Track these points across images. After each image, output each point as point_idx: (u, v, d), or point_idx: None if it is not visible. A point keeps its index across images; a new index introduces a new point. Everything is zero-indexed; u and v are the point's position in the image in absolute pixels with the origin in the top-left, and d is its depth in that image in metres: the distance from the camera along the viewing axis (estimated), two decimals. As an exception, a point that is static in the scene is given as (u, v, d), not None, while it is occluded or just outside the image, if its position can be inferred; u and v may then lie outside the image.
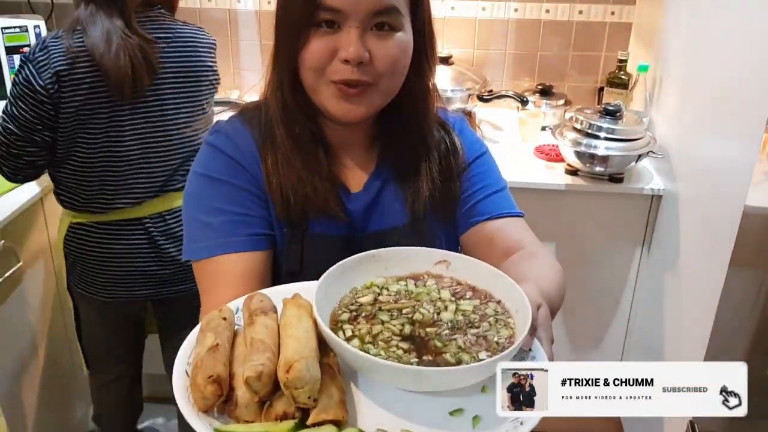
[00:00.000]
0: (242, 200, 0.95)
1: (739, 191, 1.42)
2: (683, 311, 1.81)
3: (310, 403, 0.63)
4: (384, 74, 0.89)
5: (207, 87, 1.72)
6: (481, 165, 1.06)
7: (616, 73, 2.39)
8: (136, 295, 1.76)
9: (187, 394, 0.65)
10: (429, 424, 0.67)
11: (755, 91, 1.41)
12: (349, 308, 0.77)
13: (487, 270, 0.80)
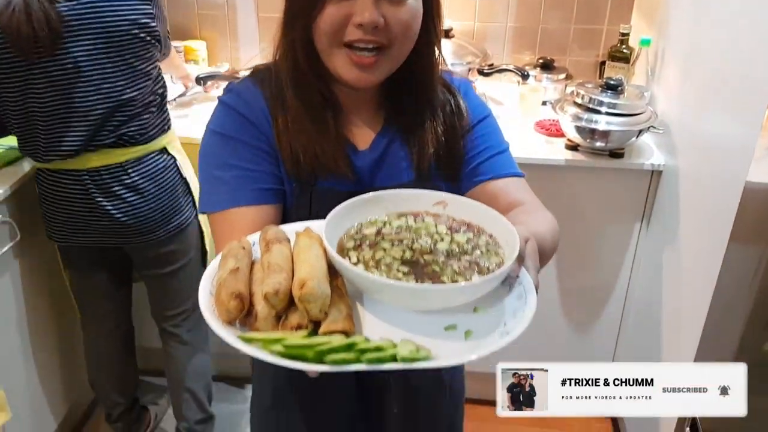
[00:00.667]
0: (252, 156, 0.99)
1: (740, 167, 1.42)
2: (682, 286, 1.82)
3: (321, 316, 0.71)
4: (396, 39, 0.94)
5: (132, 42, 1.69)
6: (485, 127, 1.09)
7: (617, 47, 2.36)
8: (81, 241, 1.86)
9: (213, 309, 0.73)
10: (427, 337, 0.74)
11: (758, 66, 1.40)
12: (354, 238, 0.84)
13: (481, 209, 0.87)
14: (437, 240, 0.84)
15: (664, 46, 2.14)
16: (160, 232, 1.86)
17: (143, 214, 1.82)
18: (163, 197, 1.84)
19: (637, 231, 2.16)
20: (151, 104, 1.79)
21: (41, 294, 2.04)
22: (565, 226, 2.14)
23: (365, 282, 0.75)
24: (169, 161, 1.86)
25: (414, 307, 0.77)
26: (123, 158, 1.77)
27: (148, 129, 1.79)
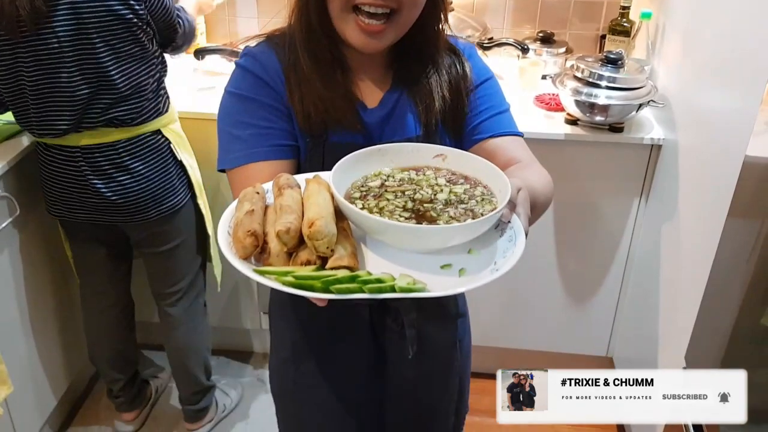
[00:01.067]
0: (267, 115, 1.06)
1: (739, 141, 1.42)
2: (681, 260, 1.83)
3: (328, 253, 0.78)
4: (405, 4, 0.99)
5: (112, 24, 1.65)
6: (487, 88, 1.16)
7: (618, 21, 2.35)
8: (76, 216, 1.87)
9: (230, 247, 0.80)
10: (424, 273, 0.81)
11: (758, 40, 1.39)
12: (360, 189, 0.92)
13: (478, 161, 0.94)
14: (437, 191, 0.91)
15: (664, 19, 2.12)
16: (152, 212, 1.86)
17: (133, 195, 1.81)
18: (154, 178, 1.83)
19: (636, 205, 2.16)
20: (142, 88, 1.76)
21: (41, 269, 2.05)
22: (565, 201, 2.16)
23: (369, 223, 0.82)
24: (163, 143, 1.85)
25: (413, 246, 0.84)
26: (114, 138, 1.76)
27: (141, 113, 1.77)
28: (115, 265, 2.05)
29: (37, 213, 1.99)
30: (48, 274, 2.09)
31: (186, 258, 2.01)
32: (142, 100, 1.77)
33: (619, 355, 2.39)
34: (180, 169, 1.91)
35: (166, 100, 1.87)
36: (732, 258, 1.44)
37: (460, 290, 0.82)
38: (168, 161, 1.86)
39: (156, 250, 1.97)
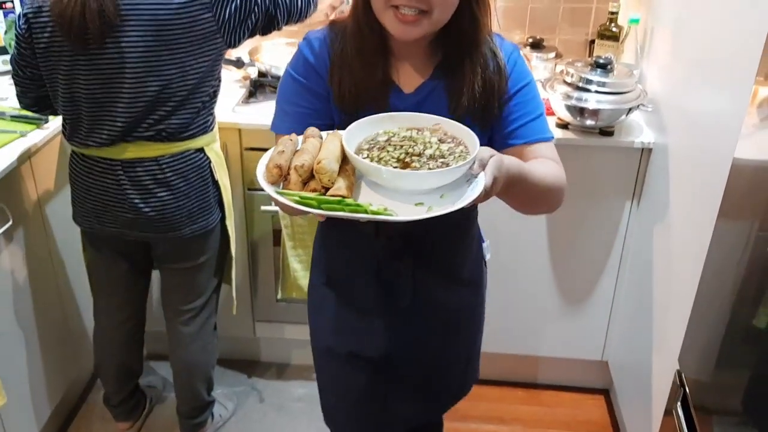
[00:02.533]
0: (310, 98, 1.27)
1: (728, 144, 1.43)
2: (672, 263, 1.84)
3: (329, 185, 1.04)
4: (435, 5, 1.13)
5: (183, 36, 1.63)
6: (525, 95, 1.26)
7: (607, 26, 2.37)
8: (106, 230, 1.86)
9: (264, 174, 1.06)
10: (400, 206, 1.05)
11: (745, 43, 1.41)
12: (369, 142, 1.14)
13: (463, 129, 1.13)
14: (427, 147, 1.10)
15: (652, 24, 2.14)
16: (185, 230, 1.84)
17: (170, 211, 1.80)
18: (192, 196, 1.82)
19: (627, 208, 2.17)
20: (197, 101, 1.74)
21: (33, 279, 2.04)
22: (556, 205, 2.16)
23: (360, 164, 1.06)
24: (204, 161, 1.83)
25: (395, 186, 1.06)
26: (158, 153, 1.75)
27: (189, 127, 1.75)
28: (135, 281, 2.03)
29: (31, 223, 1.99)
30: (40, 284, 2.08)
31: (206, 277, 2.00)
32: (194, 114, 1.75)
33: (614, 359, 2.40)
34: (216, 189, 1.90)
35: (213, 118, 1.86)
36: (723, 260, 1.45)
37: (416, 218, 1.00)
38: (207, 180, 1.85)
39: (179, 266, 1.95)
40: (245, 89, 2.37)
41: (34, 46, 1.66)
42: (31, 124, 2.02)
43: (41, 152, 2.02)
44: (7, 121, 2.03)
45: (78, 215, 1.87)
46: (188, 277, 1.97)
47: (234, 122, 2.13)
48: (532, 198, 1.24)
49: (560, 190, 1.26)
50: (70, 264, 2.22)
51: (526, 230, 2.23)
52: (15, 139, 1.95)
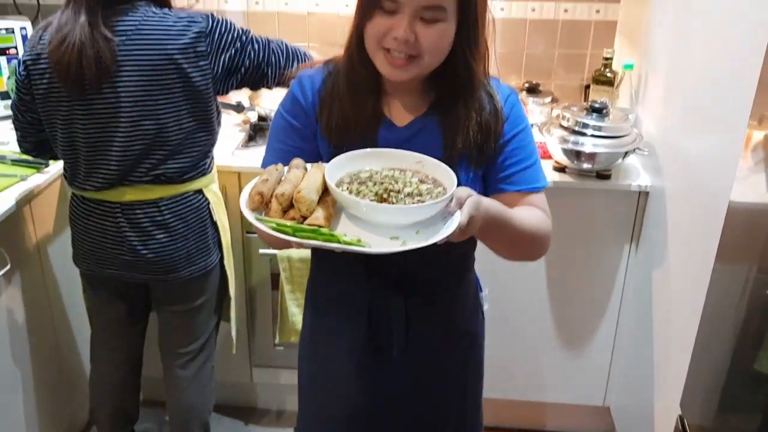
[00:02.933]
0: (295, 137, 1.29)
1: (723, 187, 1.44)
2: (672, 306, 1.83)
3: (308, 214, 1.07)
4: (425, 51, 1.14)
5: (177, 81, 1.65)
6: (522, 140, 1.27)
7: (601, 71, 2.40)
8: (105, 272, 1.85)
9: (246, 201, 1.09)
10: (375, 238, 1.06)
11: (738, 87, 1.43)
12: (351, 177, 1.15)
13: (444, 169, 1.14)
14: (407, 185, 1.12)
15: (646, 69, 2.18)
16: (183, 272, 1.84)
17: (168, 253, 1.80)
18: (191, 237, 1.82)
19: (626, 252, 2.17)
20: (195, 145, 1.75)
21: (29, 324, 2.03)
22: (556, 248, 2.16)
23: (339, 196, 1.08)
24: (203, 202, 1.83)
25: (371, 219, 1.08)
26: (157, 195, 1.75)
27: (187, 170, 1.76)
28: (132, 323, 2.01)
29: (29, 267, 1.98)
30: (37, 328, 2.07)
31: (204, 319, 1.99)
32: (193, 157, 1.76)
33: (616, 405, 2.37)
34: (214, 230, 1.90)
35: (211, 160, 1.87)
36: (722, 303, 1.44)
37: (388, 251, 1.03)
38: (206, 222, 1.85)
39: (177, 309, 1.94)
40: (245, 133, 2.39)
41: (34, 91, 1.69)
42: (31, 168, 2.03)
43: (41, 196, 2.03)
44: (8, 165, 2.05)
45: (77, 257, 1.87)
46: (186, 319, 1.96)
47: (233, 165, 2.15)
48: (514, 243, 1.23)
49: (544, 238, 1.26)
50: (69, 308, 2.21)
51: (526, 274, 2.23)
52: (15, 183, 1.96)
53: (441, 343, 1.40)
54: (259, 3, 2.61)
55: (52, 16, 1.65)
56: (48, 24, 1.65)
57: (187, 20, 1.66)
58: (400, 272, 1.30)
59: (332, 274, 1.39)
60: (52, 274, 2.13)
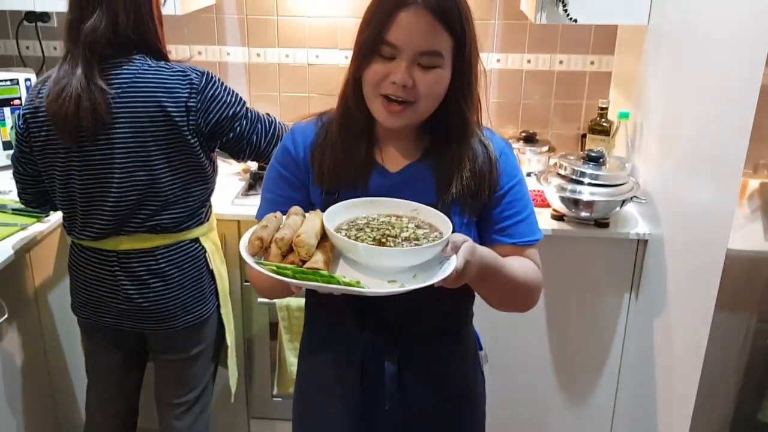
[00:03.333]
0: (285, 187, 1.30)
1: (721, 235, 1.44)
2: (673, 355, 1.81)
3: (307, 258, 1.08)
4: (421, 97, 1.17)
5: (170, 133, 1.67)
6: (517, 192, 1.28)
7: (597, 121, 2.44)
8: (102, 321, 1.84)
9: (246, 246, 1.11)
10: (373, 281, 1.08)
11: (732, 136, 1.45)
12: (349, 223, 1.17)
13: (439, 216, 1.16)
14: (403, 230, 1.15)
15: (642, 118, 2.21)
16: (179, 321, 1.83)
17: (163, 302, 1.79)
18: (187, 286, 1.82)
19: (627, 300, 2.17)
20: (190, 197, 1.76)
21: (26, 372, 2.01)
22: (556, 296, 2.17)
23: (337, 240, 1.10)
24: (199, 251, 1.83)
25: (369, 263, 1.09)
26: (153, 244, 1.76)
27: (183, 220, 1.77)
28: (128, 372, 2.00)
29: (26, 316, 1.97)
30: (32, 378, 2.04)
31: (200, 369, 1.97)
32: (188, 208, 1.77)
33: (618, 455, 2.33)
34: (211, 278, 1.89)
35: (209, 209, 1.87)
36: (723, 352, 1.43)
37: (387, 292, 1.04)
38: (202, 270, 1.85)
39: (174, 358, 1.92)
40: (245, 182, 2.41)
41: (32, 144, 1.71)
42: (31, 217, 2.04)
43: (41, 245, 2.04)
44: (8, 214, 2.06)
45: (75, 305, 1.87)
46: (182, 368, 1.94)
47: (233, 214, 2.15)
48: (506, 292, 1.24)
49: (535, 290, 1.27)
50: (66, 357, 2.19)
51: (526, 324, 2.21)
52: (15, 232, 1.96)
53: (435, 401, 1.36)
54: (261, 55, 2.66)
55: (51, 70, 1.69)
56: (47, 78, 1.68)
57: (181, 74, 1.68)
58: (394, 325, 1.28)
59: (325, 326, 1.38)
60: (50, 323, 2.12)
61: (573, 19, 2.09)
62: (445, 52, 1.16)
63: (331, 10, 2.55)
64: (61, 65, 1.66)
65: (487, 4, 2.53)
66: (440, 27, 1.14)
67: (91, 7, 1.62)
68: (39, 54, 2.68)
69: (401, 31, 1.13)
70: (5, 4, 2.30)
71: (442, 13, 1.14)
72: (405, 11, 1.13)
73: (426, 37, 1.14)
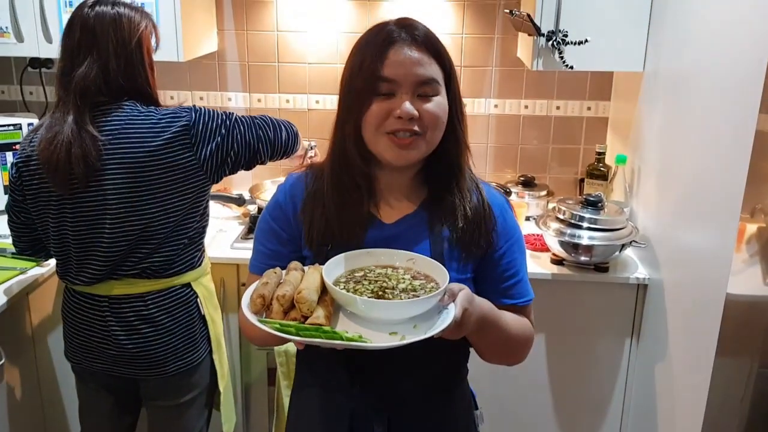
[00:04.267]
0: (275, 241, 1.29)
1: (720, 280, 1.44)
2: (675, 401, 1.79)
3: (308, 314, 1.09)
4: (429, 127, 1.16)
5: (162, 177, 1.67)
6: (515, 252, 1.28)
7: (595, 165, 2.45)
8: (93, 366, 1.83)
9: (248, 304, 1.12)
10: (374, 334, 1.08)
11: (728, 181, 1.46)
12: (347, 276, 1.19)
13: (436, 266, 1.17)
14: (400, 282, 1.16)
15: (639, 163, 2.22)
16: (170, 367, 1.81)
17: (153, 348, 1.78)
18: (177, 332, 1.80)
19: (628, 344, 2.15)
20: (180, 238, 1.76)
21: (24, 418, 1.98)
22: (557, 341, 2.16)
23: (338, 295, 1.11)
24: (191, 296, 1.82)
25: (369, 315, 1.10)
26: (144, 289, 1.75)
27: (174, 264, 1.77)
28: (121, 419, 1.96)
29: (23, 362, 1.96)
30: (28, 423, 2.02)
31: (193, 416, 1.93)
32: (178, 251, 1.76)
33: (622, 504, 2.28)
34: (203, 324, 1.88)
35: (201, 254, 1.87)
36: (725, 398, 1.42)
37: (388, 346, 1.04)
38: (193, 316, 1.83)
39: (166, 404, 1.90)
40: (244, 226, 2.41)
41: (25, 192, 1.72)
42: (31, 261, 2.04)
43: (40, 289, 2.03)
44: (8, 258, 2.06)
45: (68, 351, 1.85)
46: (175, 415, 1.91)
47: (232, 258, 2.15)
48: (501, 343, 1.24)
49: (527, 343, 1.29)
50: (61, 402, 2.16)
51: (526, 370, 2.19)
52: (14, 276, 1.96)
53: None
54: (261, 100, 2.69)
55: (43, 118, 1.71)
56: (39, 126, 1.70)
57: (170, 117, 1.69)
58: (385, 381, 1.25)
59: (315, 381, 1.34)
60: (47, 367, 2.10)
61: (569, 65, 2.13)
62: (439, 78, 1.17)
63: (330, 57, 2.61)
64: (53, 112, 1.68)
65: (484, 51, 2.58)
66: (431, 58, 1.16)
67: (82, 55, 1.65)
68: (42, 99, 2.72)
69: (396, 65, 1.14)
70: (12, 51, 2.34)
71: (430, 44, 1.16)
72: (394, 47, 1.15)
73: (421, 66, 1.15)
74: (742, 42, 1.46)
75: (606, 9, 2.11)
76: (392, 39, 1.15)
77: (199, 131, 1.70)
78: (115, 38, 1.66)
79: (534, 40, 2.13)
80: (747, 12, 1.45)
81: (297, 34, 2.62)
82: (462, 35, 2.56)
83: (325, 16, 2.58)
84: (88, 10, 1.67)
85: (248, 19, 2.62)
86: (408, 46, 1.15)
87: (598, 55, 2.14)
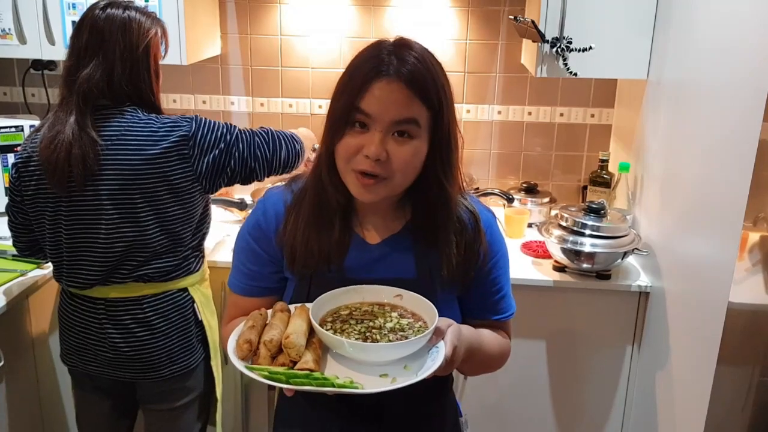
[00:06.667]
0: (257, 261, 1.27)
1: (722, 288, 1.43)
2: (676, 410, 1.78)
3: (297, 358, 1.08)
4: (396, 171, 1.12)
5: (157, 186, 1.66)
6: (500, 267, 1.27)
7: (598, 173, 2.45)
8: (88, 369, 1.82)
9: (234, 350, 1.10)
10: (365, 377, 1.07)
11: (731, 189, 1.45)
12: (333, 315, 1.17)
13: (423, 302, 1.15)
14: (388, 320, 1.15)
15: (642, 171, 2.22)
16: (165, 371, 1.80)
17: (148, 351, 1.77)
18: (173, 336, 1.80)
19: (629, 352, 2.14)
20: (178, 247, 1.75)
21: (24, 421, 1.98)
22: (557, 349, 2.15)
23: (326, 338, 1.10)
24: (187, 301, 1.81)
25: (358, 358, 1.09)
26: (141, 293, 1.75)
27: (169, 271, 1.76)
28: (117, 422, 1.96)
29: (23, 364, 1.95)
30: (30, 425, 2.01)
31: (189, 419, 1.93)
32: (176, 258, 1.76)
33: None
34: (199, 329, 1.87)
35: (199, 260, 1.86)
36: (726, 407, 1.41)
37: (382, 389, 1.03)
38: (189, 320, 1.83)
39: (161, 408, 1.89)
40: (246, 230, 2.40)
41: (24, 193, 1.72)
42: (31, 263, 2.04)
43: (40, 291, 2.03)
44: (8, 260, 2.06)
45: (64, 353, 1.85)
46: (170, 419, 1.90)
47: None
48: (484, 364, 1.27)
49: (504, 357, 1.31)
50: (60, 404, 2.16)
51: (527, 376, 2.19)
52: (14, 278, 1.96)
53: None
54: (264, 105, 2.70)
55: (45, 119, 1.70)
56: (40, 126, 1.70)
57: (170, 125, 1.68)
58: (375, 401, 1.21)
59: (302, 398, 1.30)
60: (46, 369, 2.10)
61: (573, 72, 2.13)
62: (422, 120, 1.11)
63: (333, 61, 2.61)
64: (55, 112, 1.68)
65: (488, 58, 2.57)
66: (416, 99, 1.09)
67: (89, 57, 1.65)
68: (44, 101, 2.72)
69: (375, 100, 1.08)
70: (15, 53, 2.35)
71: (418, 85, 1.09)
72: (379, 82, 1.08)
73: (401, 107, 1.09)
74: (746, 51, 1.46)
75: (610, 16, 2.11)
76: (379, 71, 1.09)
77: (197, 143, 1.69)
78: (122, 42, 1.66)
79: (538, 47, 2.13)
80: (751, 21, 1.44)
81: (300, 38, 2.62)
82: (466, 41, 2.56)
83: (329, 20, 2.58)
84: (99, 11, 1.67)
85: (252, 23, 2.62)
86: (393, 83, 1.08)
87: (602, 62, 2.14)
